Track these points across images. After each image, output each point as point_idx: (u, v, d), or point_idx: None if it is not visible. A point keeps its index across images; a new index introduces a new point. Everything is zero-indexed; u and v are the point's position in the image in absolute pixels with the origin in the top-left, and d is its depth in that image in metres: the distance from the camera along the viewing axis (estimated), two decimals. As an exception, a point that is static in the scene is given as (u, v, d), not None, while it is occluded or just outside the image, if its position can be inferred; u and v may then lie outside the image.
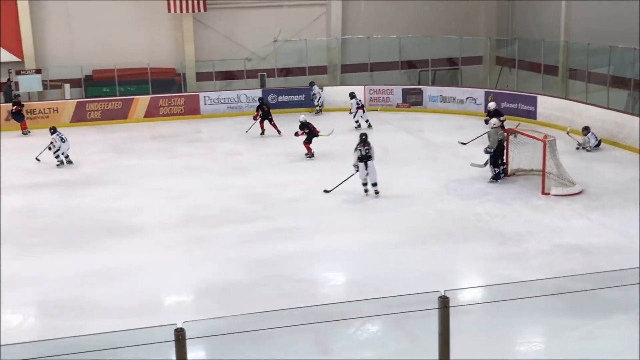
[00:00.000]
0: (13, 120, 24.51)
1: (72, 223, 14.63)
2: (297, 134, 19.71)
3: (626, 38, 21.49)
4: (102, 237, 13.66)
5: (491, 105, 20.80)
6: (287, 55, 29.05)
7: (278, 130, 22.72)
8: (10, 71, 27.12)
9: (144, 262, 12.29)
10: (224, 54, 28.50)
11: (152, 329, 5.41)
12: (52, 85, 27.33)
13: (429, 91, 26.77)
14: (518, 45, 26.33)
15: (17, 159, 20.34)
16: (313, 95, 26.92)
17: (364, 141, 15.83)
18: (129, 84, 27.37)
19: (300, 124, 19.66)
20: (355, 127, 23.20)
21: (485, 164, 16.85)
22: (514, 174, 17.01)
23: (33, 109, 25.79)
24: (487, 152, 16.72)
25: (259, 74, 28.45)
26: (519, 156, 17.00)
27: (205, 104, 26.87)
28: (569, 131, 19.64)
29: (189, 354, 5.24)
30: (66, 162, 19.75)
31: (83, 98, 26.90)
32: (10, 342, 8.45)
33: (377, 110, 20.63)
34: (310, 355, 8.84)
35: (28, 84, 26.69)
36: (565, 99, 23.04)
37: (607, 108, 20.79)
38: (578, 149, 19.42)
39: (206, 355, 8.99)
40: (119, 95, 26.78)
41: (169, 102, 26.85)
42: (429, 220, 14.32)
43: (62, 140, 19.61)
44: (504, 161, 16.79)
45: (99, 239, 13.56)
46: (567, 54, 25.47)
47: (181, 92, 27.58)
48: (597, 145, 19.54)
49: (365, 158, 15.65)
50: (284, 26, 28.81)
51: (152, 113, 26.41)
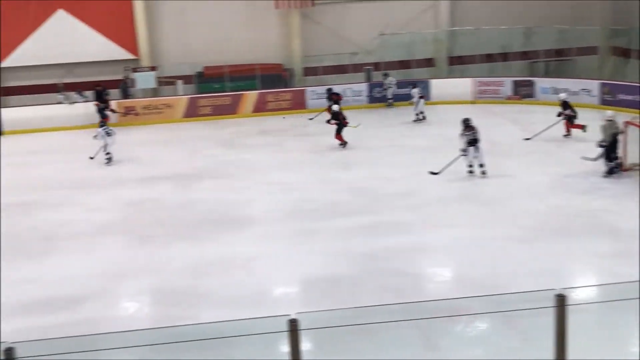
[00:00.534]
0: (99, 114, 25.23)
1: (187, 215, 15.12)
2: (329, 122, 20.54)
3: None
4: (215, 229, 14.04)
5: (562, 96, 20.13)
6: (394, 48, 28.91)
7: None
8: (127, 68, 28.29)
9: (254, 254, 12.56)
10: (331, 48, 28.69)
11: (265, 319, 5.52)
12: (166, 81, 28.33)
13: (540, 83, 26.04)
14: (635, 35, 25.18)
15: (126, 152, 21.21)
16: (385, 88, 26.76)
17: (468, 126, 16.39)
18: (238, 80, 28.01)
19: (332, 113, 20.51)
20: (415, 120, 23.68)
21: (597, 158, 16.22)
22: (631, 168, 16.29)
23: (148, 105, 26.84)
24: (600, 146, 16.10)
25: (365, 67, 28.46)
26: (637, 149, 16.25)
27: (312, 98, 27.13)
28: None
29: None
30: (106, 157, 20.19)
31: (195, 94, 27.73)
32: (127, 329, 8.91)
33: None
34: (417, 351, 8.79)
35: (143, 81, 27.79)
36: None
37: None
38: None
39: (313, 347, 9.11)
40: (229, 91, 27.44)
41: (277, 97, 27.29)
42: (540, 215, 13.93)
43: (108, 134, 20.33)
44: (617, 155, 16.12)
45: (212, 230, 13.95)
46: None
47: (288, 87, 27.97)
48: None
49: (473, 142, 16.23)
50: (391, 19, 28.70)
51: (260, 108, 26.92)
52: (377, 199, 15.60)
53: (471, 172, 16.53)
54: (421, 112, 23.89)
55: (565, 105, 19.87)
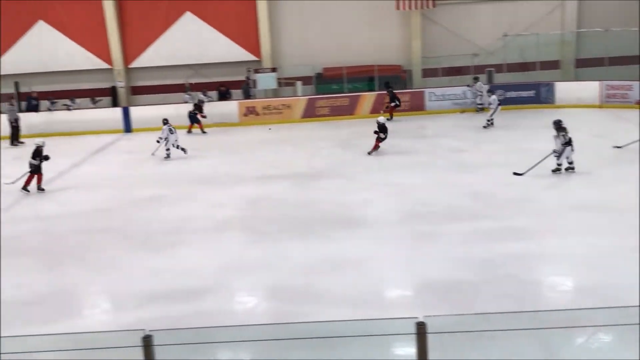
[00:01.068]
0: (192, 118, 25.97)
1: (304, 214, 15.34)
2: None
3: None
4: (332, 228, 14.17)
5: None
6: (517, 50, 28.25)
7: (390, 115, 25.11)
8: (249, 70, 29.06)
9: (370, 254, 12.59)
10: (451, 49, 28.41)
11: (387, 320, 5.53)
12: (286, 82, 28.89)
13: (673, 87, 24.74)
14: None
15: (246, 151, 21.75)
16: (477, 93, 26.05)
17: (560, 127, 16.71)
18: (356, 81, 28.19)
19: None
20: (485, 126, 23.23)
21: None
22: None
23: (268, 105, 27.47)
24: None
25: (486, 69, 27.95)
26: None
27: (430, 100, 26.93)
28: None
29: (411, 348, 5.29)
30: (180, 149, 21.48)
31: (313, 95, 28.11)
32: (246, 323, 9.16)
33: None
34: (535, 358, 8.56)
35: (265, 81, 28.46)
36: None
37: None
38: None
39: (431, 351, 9.04)
40: (347, 92, 27.65)
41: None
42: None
43: (171, 131, 21.21)
44: None
45: (328, 229, 14.09)
46: None
47: (406, 89, 27.87)
48: None
49: (568, 143, 16.61)
50: (515, 20, 28.07)
51: (377, 109, 26.98)
52: (496, 203, 15.28)
53: (559, 170, 16.85)
54: (492, 119, 23.44)
55: None
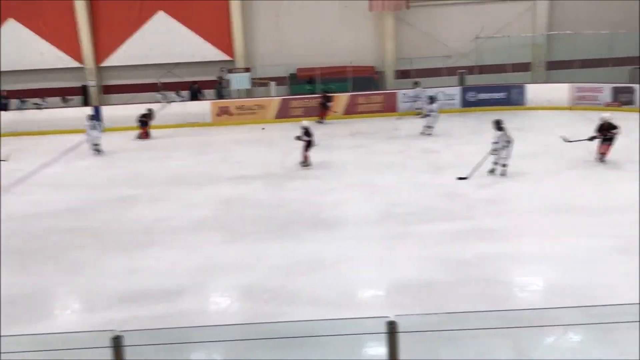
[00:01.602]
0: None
1: (278, 214, 15.32)
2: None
3: None
4: (306, 229, 14.18)
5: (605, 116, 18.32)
6: (489, 52, 28.52)
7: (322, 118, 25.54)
8: (223, 69, 28.99)
9: (345, 255, 12.61)
10: (424, 51, 28.56)
11: (360, 320, 5.55)
12: (260, 83, 28.85)
13: (642, 90, 25.15)
14: None
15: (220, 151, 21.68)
16: (416, 98, 26.20)
17: (500, 127, 17.20)
18: (330, 82, 28.23)
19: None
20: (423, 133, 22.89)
21: None
22: None
23: (241, 105, 27.41)
24: None
25: (458, 71, 28.17)
26: None
27: (404, 101, 27.05)
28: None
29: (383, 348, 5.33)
30: (94, 150, 22.19)
31: (287, 95, 28.10)
32: (218, 324, 9.13)
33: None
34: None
35: (238, 81, 28.41)
36: None
37: None
38: None
39: (402, 351, 9.09)
40: (320, 93, 27.69)
41: (368, 100, 27.36)
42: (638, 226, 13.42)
43: (94, 127, 21.51)
44: None
45: (302, 230, 14.10)
46: None
47: (380, 90, 27.98)
48: None
49: (507, 143, 17.06)
50: (487, 22, 28.32)
51: (351, 110, 27.06)
52: (470, 204, 15.40)
53: (493, 171, 17.30)
54: (431, 127, 22.98)
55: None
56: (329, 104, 26.36)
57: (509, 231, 13.57)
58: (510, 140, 17.12)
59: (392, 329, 4.95)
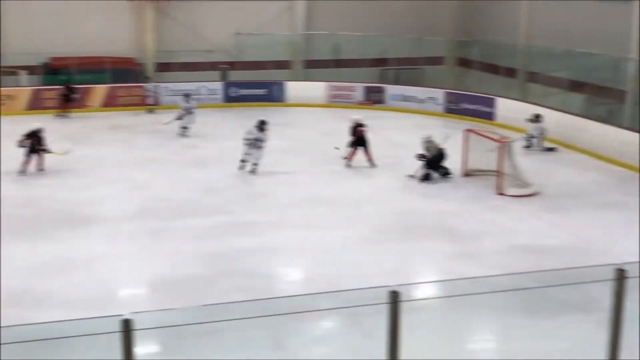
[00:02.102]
0: None
1: (27, 213, 14.35)
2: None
3: (585, 42, 21.84)
4: (59, 227, 13.42)
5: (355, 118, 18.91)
6: (250, 48, 28.93)
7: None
8: (-37, 56, 26.50)
9: (99, 253, 12.11)
10: (186, 45, 28.25)
11: (100, 319, 5.30)
12: (8, 72, 26.74)
13: (390, 90, 26.92)
14: (478, 47, 26.60)
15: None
16: (150, 93, 26.08)
17: (262, 128, 17.46)
18: (87, 73, 26.91)
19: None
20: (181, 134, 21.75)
21: (421, 175, 16.96)
22: (471, 174, 17.18)
23: (-13, 96, 25.24)
24: (420, 159, 17.09)
25: (220, 66, 28.27)
26: (476, 157, 17.16)
27: (166, 95, 26.59)
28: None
29: (140, 347, 5.16)
30: None
31: (39, 86, 26.38)
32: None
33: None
34: (265, 350, 8.80)
35: (-18, 69, 26.10)
36: (524, 101, 23.33)
37: (564, 112, 21.12)
38: (528, 140, 19.74)
39: (157, 349, 8.89)
40: (76, 84, 26.31)
41: (128, 92, 26.51)
42: (389, 218, 14.38)
43: None
44: (443, 166, 17.10)
45: (55, 229, 13.32)
46: (526, 57, 25.82)
47: (140, 82, 27.22)
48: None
49: (258, 142, 17.35)
50: (248, 19, 28.67)
51: (110, 103, 26.06)
52: (230, 199, 15.51)
53: (242, 167, 17.45)
54: (186, 127, 21.84)
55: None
56: (73, 96, 25.05)
57: (266, 225, 13.85)
58: (264, 140, 17.41)
59: (126, 327, 4.74)
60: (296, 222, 14.13)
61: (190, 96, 22.42)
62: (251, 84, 27.58)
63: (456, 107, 25.16)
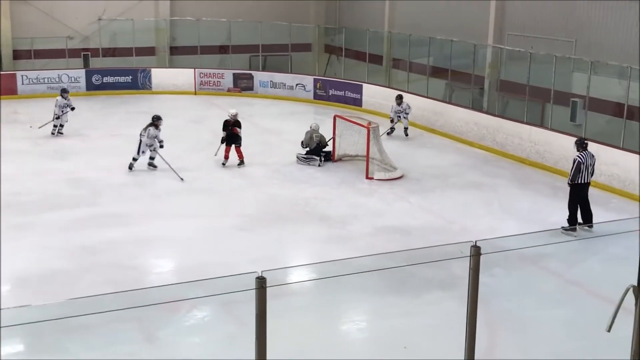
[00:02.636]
0: None
1: None
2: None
3: (444, 30, 22.73)
4: None
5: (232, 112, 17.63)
6: (113, 35, 28.08)
7: None
8: None
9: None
10: (45, 31, 27.02)
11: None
12: None
13: (259, 76, 26.94)
14: (345, 35, 27.07)
15: None
16: None
17: (154, 124, 16.43)
18: None
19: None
20: (55, 134, 20.04)
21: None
22: (340, 159, 17.53)
23: None
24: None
25: (83, 53, 27.27)
26: (345, 142, 17.54)
27: (23, 83, 25.39)
28: None
29: (4, 347, 4.97)
30: None
31: None
32: None
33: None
34: (135, 343, 8.65)
35: None
36: (389, 87, 24.01)
37: (427, 97, 21.91)
38: (393, 120, 20.24)
39: (22, 348, 8.57)
40: None
41: (-18, 81, 25.09)
42: (260, 204, 14.44)
43: None
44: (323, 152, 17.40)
45: None
46: (390, 44, 26.55)
47: (-5, 71, 25.83)
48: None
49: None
50: (110, 4, 27.75)
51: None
52: (97, 190, 15.06)
53: (131, 167, 16.42)
54: (62, 126, 20.16)
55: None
56: None
57: (135, 215, 13.58)
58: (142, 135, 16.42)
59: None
60: (165, 212, 13.93)
61: (68, 92, 20.62)
62: (115, 71, 26.81)
63: (324, 94, 25.53)
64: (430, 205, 14.59)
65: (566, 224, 12.66)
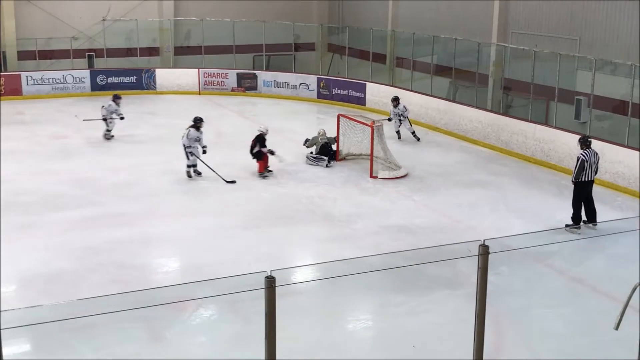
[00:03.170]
0: None
1: None
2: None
3: (448, 29, 22.70)
4: None
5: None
6: (118, 35, 28.09)
7: None
8: None
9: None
10: (49, 32, 27.07)
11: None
12: None
13: (263, 76, 26.92)
14: (348, 34, 27.04)
15: None
16: None
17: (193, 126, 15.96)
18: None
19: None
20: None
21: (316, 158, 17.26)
22: (344, 158, 17.52)
23: None
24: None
25: (87, 54, 27.31)
26: (349, 141, 17.53)
27: (28, 84, 25.43)
28: None
29: (10, 348, 4.97)
30: None
31: None
32: None
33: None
34: (142, 342, 8.66)
35: None
36: (392, 86, 23.98)
37: (431, 95, 21.88)
38: (390, 120, 19.92)
39: (29, 348, 8.58)
40: None
41: (-12, 82, 25.15)
42: (264, 203, 14.43)
43: None
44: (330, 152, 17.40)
45: None
46: (394, 42, 26.52)
47: (0, 71, 25.87)
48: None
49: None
50: (114, 5, 27.77)
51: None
52: (100, 190, 15.07)
53: (189, 174, 16.00)
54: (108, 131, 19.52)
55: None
56: None
57: (139, 215, 13.58)
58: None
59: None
60: (170, 211, 13.93)
61: (120, 98, 20.06)
62: (119, 71, 26.82)
63: (328, 93, 25.52)
64: (435, 204, 14.57)
65: (571, 222, 12.66)
